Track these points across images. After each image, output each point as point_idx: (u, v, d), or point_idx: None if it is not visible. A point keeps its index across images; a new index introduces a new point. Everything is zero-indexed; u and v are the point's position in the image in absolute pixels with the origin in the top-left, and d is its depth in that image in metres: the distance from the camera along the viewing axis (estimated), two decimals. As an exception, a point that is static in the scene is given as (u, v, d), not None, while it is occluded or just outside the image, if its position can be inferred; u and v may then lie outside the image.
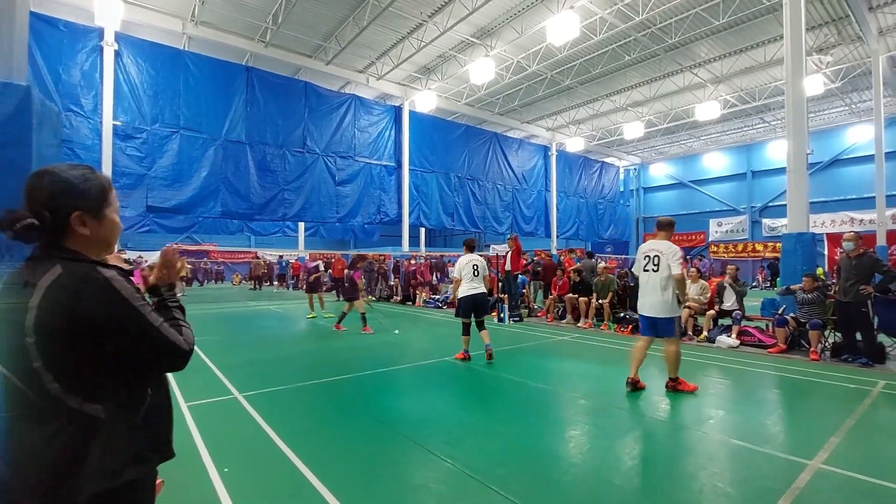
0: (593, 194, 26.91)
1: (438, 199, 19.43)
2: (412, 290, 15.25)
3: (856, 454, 3.26)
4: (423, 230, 24.62)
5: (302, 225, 24.59)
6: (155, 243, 21.25)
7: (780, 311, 7.36)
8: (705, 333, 7.81)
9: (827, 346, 6.68)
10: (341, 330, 8.93)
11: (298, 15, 13.61)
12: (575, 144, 24.19)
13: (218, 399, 4.49)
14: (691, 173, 29.09)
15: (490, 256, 14.53)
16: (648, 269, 4.78)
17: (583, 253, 16.89)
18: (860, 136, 21.86)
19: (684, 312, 7.82)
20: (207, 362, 5.99)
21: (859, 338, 6.27)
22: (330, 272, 15.09)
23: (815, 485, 2.78)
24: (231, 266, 32.71)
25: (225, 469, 2.93)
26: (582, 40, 14.67)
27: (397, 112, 18.25)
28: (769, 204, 25.29)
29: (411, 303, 14.88)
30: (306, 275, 14.35)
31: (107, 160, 11.75)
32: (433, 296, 14.91)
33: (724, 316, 7.98)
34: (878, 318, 6.40)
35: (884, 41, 14.77)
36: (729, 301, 8.01)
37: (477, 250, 6.76)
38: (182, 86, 13.17)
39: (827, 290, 6.86)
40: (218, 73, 13.83)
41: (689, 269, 8.21)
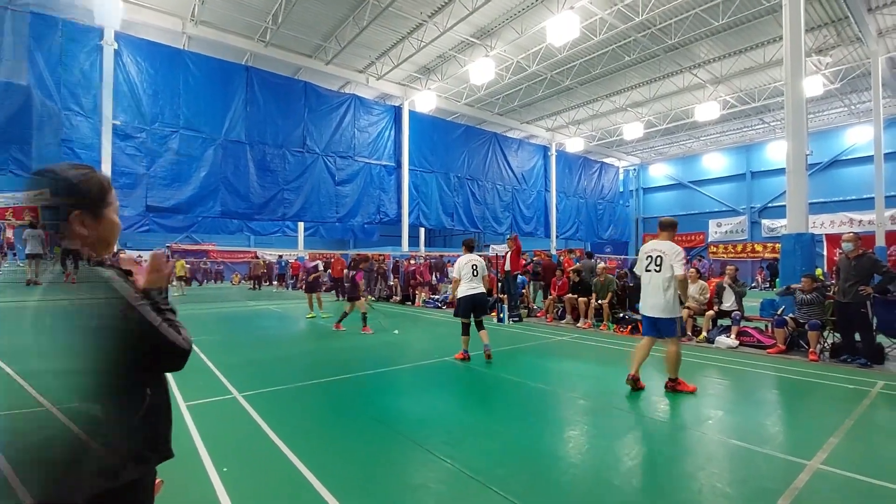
0: (593, 195, 26.93)
1: (438, 199, 19.44)
2: (412, 290, 15.24)
3: (854, 455, 3.27)
4: (423, 230, 24.62)
5: (301, 225, 24.61)
6: (155, 243, 21.23)
7: (780, 312, 7.37)
8: (704, 334, 7.81)
9: (826, 347, 6.68)
10: (341, 330, 8.92)
11: (298, 15, 13.61)
12: (574, 145, 24.21)
13: (217, 399, 4.48)
14: (691, 174, 29.12)
15: (490, 256, 14.52)
16: (651, 270, 4.77)
17: (582, 253, 16.86)
18: (859, 137, 21.90)
19: (683, 313, 7.82)
20: (207, 362, 5.98)
21: (858, 338, 6.28)
22: (329, 272, 15.09)
23: (814, 485, 2.78)
24: (230, 266, 32.63)
25: (224, 469, 2.93)
26: (582, 41, 14.68)
27: (397, 112, 18.25)
28: (768, 205, 25.34)
29: (411, 303, 14.87)
30: (306, 275, 14.35)
31: (106, 159, 11.75)
32: (433, 296, 14.90)
33: (724, 316, 7.99)
34: (877, 319, 6.41)
35: (883, 42, 14.80)
36: (728, 302, 8.02)
37: (476, 250, 6.76)
38: (182, 85, 13.17)
39: (826, 291, 6.87)
40: (218, 73, 13.83)
41: (689, 270, 8.20)
